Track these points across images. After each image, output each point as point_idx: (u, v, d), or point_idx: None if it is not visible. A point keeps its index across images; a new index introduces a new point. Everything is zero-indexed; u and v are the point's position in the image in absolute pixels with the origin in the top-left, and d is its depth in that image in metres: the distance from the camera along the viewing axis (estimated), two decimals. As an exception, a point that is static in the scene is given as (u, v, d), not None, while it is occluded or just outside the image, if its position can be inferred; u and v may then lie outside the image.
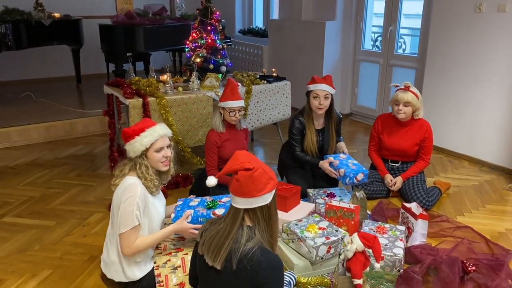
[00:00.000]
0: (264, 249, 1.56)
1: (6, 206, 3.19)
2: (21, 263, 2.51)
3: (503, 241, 2.76)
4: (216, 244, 1.57)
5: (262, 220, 1.58)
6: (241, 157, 1.56)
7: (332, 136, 3.26)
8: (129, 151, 2.10)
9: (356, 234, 2.03)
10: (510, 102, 3.75)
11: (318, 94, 3.09)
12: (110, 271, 2.17)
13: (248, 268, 1.52)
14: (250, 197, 1.54)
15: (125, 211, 2.00)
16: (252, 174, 1.52)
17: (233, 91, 3.02)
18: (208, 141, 3.06)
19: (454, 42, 4.09)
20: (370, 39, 5.62)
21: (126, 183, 2.06)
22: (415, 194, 3.12)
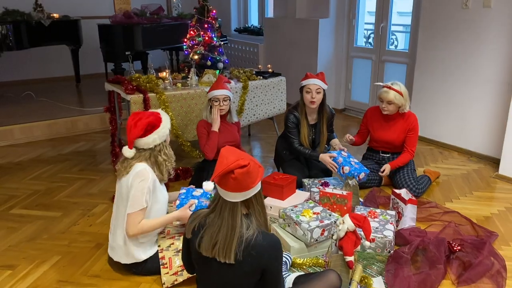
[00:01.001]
0: (264, 233, 1.66)
1: (13, 199, 3.32)
2: (31, 250, 2.64)
3: (488, 224, 2.91)
4: (225, 241, 1.60)
5: (256, 206, 1.67)
6: (231, 156, 1.59)
7: (324, 132, 3.40)
8: (154, 140, 2.22)
9: (347, 215, 2.18)
10: (496, 95, 3.90)
11: (310, 89, 3.23)
12: (117, 254, 2.31)
13: (254, 254, 1.60)
14: (247, 190, 1.60)
15: (137, 193, 2.15)
16: (248, 169, 1.57)
17: (218, 82, 3.22)
18: (198, 129, 3.26)
19: (443, 37, 4.24)
20: (363, 36, 5.77)
21: (136, 169, 2.20)
22: (405, 182, 3.26)
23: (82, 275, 2.40)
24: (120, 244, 2.29)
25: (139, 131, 2.18)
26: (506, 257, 2.49)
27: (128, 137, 2.20)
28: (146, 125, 2.20)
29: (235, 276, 1.65)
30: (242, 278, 1.66)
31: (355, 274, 2.21)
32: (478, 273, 2.30)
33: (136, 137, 2.19)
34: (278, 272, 1.70)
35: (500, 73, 3.84)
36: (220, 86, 3.18)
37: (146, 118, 2.21)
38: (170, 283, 2.26)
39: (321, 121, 3.39)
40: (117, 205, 2.32)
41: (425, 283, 2.26)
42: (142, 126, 2.19)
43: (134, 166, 2.23)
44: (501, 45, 3.80)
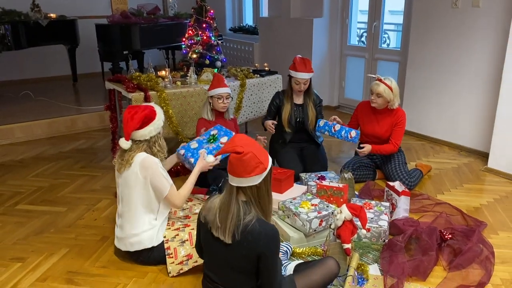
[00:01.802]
0: (261, 220, 1.75)
1: (18, 195, 3.40)
2: (39, 243, 2.73)
3: (478, 214, 3.05)
4: (221, 220, 1.75)
5: (252, 198, 1.75)
6: (236, 141, 1.72)
7: (311, 110, 3.60)
8: (150, 132, 2.36)
9: (344, 205, 2.30)
10: (485, 92, 4.05)
11: (299, 82, 3.48)
12: (126, 244, 2.41)
13: (249, 238, 1.70)
14: (240, 177, 1.71)
15: (156, 180, 2.32)
16: (242, 157, 1.68)
17: (219, 80, 3.33)
18: (197, 127, 3.35)
19: (434, 36, 4.38)
20: (356, 35, 5.90)
21: (139, 159, 2.33)
22: (398, 175, 3.39)
23: (90, 266, 2.50)
24: (132, 233, 2.39)
25: (136, 123, 2.29)
26: (495, 245, 2.62)
27: (125, 129, 2.30)
28: (143, 117, 2.31)
29: (234, 257, 1.76)
30: (240, 260, 1.76)
31: (352, 261, 2.33)
32: (467, 259, 2.43)
33: (133, 130, 2.30)
34: (273, 261, 1.76)
35: (488, 70, 3.99)
36: (223, 84, 3.30)
37: (142, 111, 2.33)
38: (175, 272, 2.36)
39: (308, 102, 3.61)
40: (123, 197, 2.42)
41: (418, 269, 2.39)
42: (139, 119, 2.30)
43: (136, 157, 2.34)
44: (489, 43, 3.94)
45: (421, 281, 2.34)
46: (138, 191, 2.34)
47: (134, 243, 2.39)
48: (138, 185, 2.33)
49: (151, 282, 2.35)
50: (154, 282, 2.35)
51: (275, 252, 1.79)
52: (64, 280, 2.37)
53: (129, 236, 2.39)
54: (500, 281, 2.35)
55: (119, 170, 2.40)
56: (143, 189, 2.34)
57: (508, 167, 3.66)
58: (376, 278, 2.36)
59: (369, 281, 2.34)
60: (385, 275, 2.32)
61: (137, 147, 2.37)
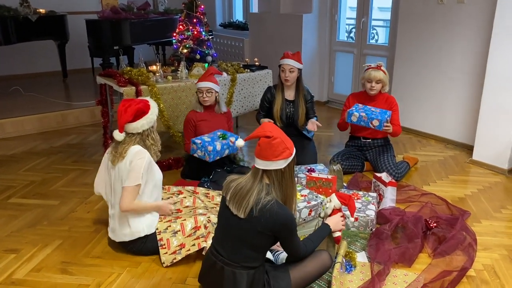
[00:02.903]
0: (280, 203, 1.89)
1: (10, 189, 3.42)
2: (33, 235, 2.76)
3: (462, 204, 3.15)
4: (240, 196, 1.89)
5: (276, 181, 1.90)
6: (266, 127, 1.90)
7: (301, 106, 3.66)
8: (143, 125, 2.41)
9: (334, 194, 2.36)
10: (470, 86, 4.15)
11: (284, 68, 3.56)
12: (119, 235, 2.46)
13: (267, 216, 1.84)
14: (267, 160, 1.86)
15: (136, 168, 2.35)
16: (271, 141, 1.85)
17: (205, 73, 3.41)
18: (185, 119, 3.45)
19: (420, 32, 4.47)
20: (345, 31, 5.98)
21: (134, 151, 2.38)
22: (386, 167, 3.48)
23: (84, 257, 2.54)
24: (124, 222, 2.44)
25: (129, 116, 2.35)
26: (478, 233, 2.72)
27: (118, 121, 2.37)
28: (135, 111, 2.38)
29: (248, 233, 1.89)
30: (254, 236, 1.89)
31: (340, 249, 2.41)
32: (451, 246, 2.52)
33: (126, 122, 2.36)
34: (291, 240, 1.94)
35: (473, 65, 4.09)
36: (204, 78, 3.36)
37: (136, 105, 2.40)
38: (169, 262, 2.41)
39: (298, 98, 3.67)
40: (115, 188, 2.46)
41: (404, 256, 2.47)
42: (132, 112, 2.36)
43: (130, 149, 2.40)
44: (474, 39, 4.04)
45: (406, 267, 2.42)
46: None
47: (128, 233, 2.44)
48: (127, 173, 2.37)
49: (144, 272, 2.40)
50: (147, 271, 2.40)
51: (292, 233, 1.93)
52: (59, 270, 2.41)
53: (123, 226, 2.44)
54: (482, 267, 2.44)
55: (113, 162, 2.44)
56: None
57: (491, 159, 3.77)
58: (363, 265, 2.45)
59: (357, 268, 2.42)
60: (372, 262, 2.40)
61: (130, 140, 2.42)
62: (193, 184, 3.23)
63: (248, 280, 1.94)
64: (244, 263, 1.94)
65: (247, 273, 1.94)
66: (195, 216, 2.50)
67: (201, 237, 2.43)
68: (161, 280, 2.33)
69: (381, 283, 2.25)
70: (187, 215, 2.57)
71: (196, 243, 2.42)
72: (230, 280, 1.94)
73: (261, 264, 1.99)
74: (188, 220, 2.49)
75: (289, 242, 1.96)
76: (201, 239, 2.42)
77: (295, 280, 2.06)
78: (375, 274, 2.29)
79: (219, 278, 1.98)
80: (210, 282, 2.06)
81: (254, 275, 1.95)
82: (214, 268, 2.00)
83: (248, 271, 1.94)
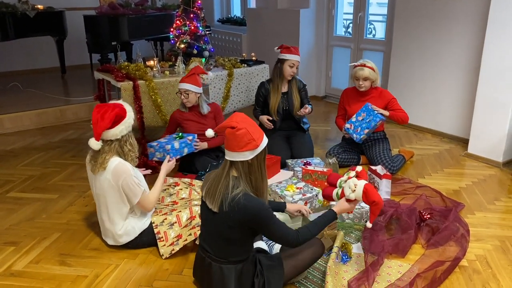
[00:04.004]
0: (248, 194, 1.83)
1: (9, 183, 3.45)
2: (31, 228, 2.80)
3: (457, 196, 3.18)
4: (212, 191, 1.89)
5: (243, 173, 1.86)
6: (233, 117, 1.86)
7: (296, 97, 3.70)
8: (122, 131, 2.30)
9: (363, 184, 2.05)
10: (465, 80, 4.17)
11: (294, 64, 3.62)
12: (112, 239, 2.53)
13: (236, 209, 1.81)
14: (233, 151, 1.84)
15: (129, 188, 2.35)
16: (235, 132, 1.80)
17: (187, 74, 3.40)
18: (171, 115, 3.51)
19: (416, 26, 4.49)
20: (343, 26, 5.98)
21: (112, 166, 2.32)
22: (381, 160, 3.51)
23: (82, 249, 2.57)
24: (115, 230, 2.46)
25: (107, 123, 2.22)
26: (471, 224, 2.76)
27: (95, 129, 2.23)
28: (114, 116, 2.24)
29: (222, 227, 1.88)
30: (228, 230, 1.87)
31: (336, 240, 2.44)
32: (444, 237, 2.55)
33: (104, 129, 2.23)
34: (271, 228, 1.87)
35: (468, 59, 4.11)
36: (183, 79, 3.37)
37: (112, 110, 2.25)
38: (168, 253, 2.45)
39: (293, 89, 3.72)
40: (99, 198, 2.45)
41: (398, 246, 2.51)
42: (111, 118, 2.23)
43: (110, 162, 2.32)
44: (469, 33, 4.06)
45: (400, 258, 2.45)
46: (112, 195, 2.39)
47: (120, 238, 2.48)
48: (111, 190, 2.37)
49: (142, 263, 2.43)
50: (145, 263, 2.44)
51: (267, 221, 1.86)
52: (57, 262, 2.45)
53: (113, 233, 2.48)
54: (475, 257, 2.48)
55: (94, 171, 2.39)
56: (118, 192, 2.37)
57: (486, 152, 3.80)
58: (359, 256, 2.48)
59: (353, 259, 2.45)
60: (366, 253, 2.43)
61: (109, 148, 2.32)
62: (190, 177, 3.25)
63: (236, 274, 1.95)
64: (230, 258, 1.94)
65: (234, 267, 1.95)
66: (190, 207, 2.53)
67: (196, 226, 2.46)
68: (158, 271, 2.36)
69: (375, 273, 2.28)
70: (182, 206, 2.61)
71: (192, 232, 2.46)
72: (218, 275, 1.95)
73: (247, 256, 1.99)
74: (183, 212, 2.52)
75: (269, 231, 1.89)
76: (197, 228, 2.46)
77: (288, 269, 2.09)
78: (369, 264, 2.33)
79: (208, 273, 2.00)
80: (202, 277, 2.09)
81: (242, 268, 1.96)
82: (203, 263, 2.02)
83: (235, 266, 1.95)
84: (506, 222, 2.84)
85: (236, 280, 1.95)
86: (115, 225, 2.46)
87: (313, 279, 2.28)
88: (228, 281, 1.94)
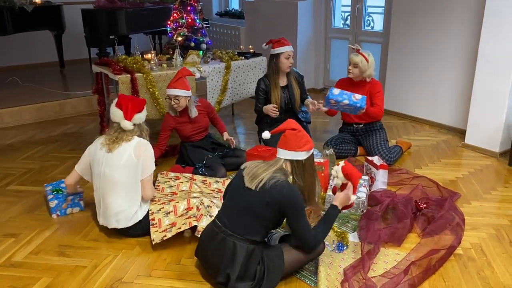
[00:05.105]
0: (290, 183, 2.04)
1: (9, 177, 3.47)
2: (31, 220, 2.82)
3: (453, 186, 3.20)
4: (256, 172, 2.06)
5: (296, 170, 2.09)
6: (291, 123, 2.12)
7: (296, 89, 3.71)
8: (140, 119, 2.56)
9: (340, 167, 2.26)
10: (462, 71, 4.18)
11: (290, 55, 3.60)
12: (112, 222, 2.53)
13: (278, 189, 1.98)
14: (291, 150, 2.05)
15: (148, 159, 2.50)
16: (297, 133, 2.06)
17: (174, 78, 3.26)
18: (163, 122, 3.39)
19: (414, 17, 4.49)
20: (341, 18, 5.98)
21: (133, 142, 2.50)
22: (379, 151, 3.52)
23: (81, 240, 2.60)
24: (119, 210, 2.49)
25: (138, 106, 2.53)
26: (467, 213, 2.78)
27: (129, 112, 2.49)
28: (144, 102, 2.56)
29: (257, 203, 2.01)
30: (262, 206, 2.01)
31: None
32: (440, 226, 2.57)
33: (136, 112, 2.52)
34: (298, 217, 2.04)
35: (465, 50, 4.11)
36: (170, 85, 3.23)
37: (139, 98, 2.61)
38: (159, 239, 2.45)
39: (291, 81, 3.71)
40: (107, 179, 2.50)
41: (394, 235, 2.53)
42: (141, 103, 2.55)
43: (132, 139, 2.51)
44: (466, 25, 4.06)
45: (396, 247, 2.48)
46: (127, 171, 2.46)
47: (121, 219, 2.51)
48: (127, 166, 2.46)
49: (140, 253, 2.46)
50: (143, 253, 2.47)
51: (299, 211, 2.03)
52: (56, 253, 2.48)
53: (116, 213, 2.50)
54: (470, 245, 2.50)
55: (112, 149, 2.49)
56: (134, 169, 2.48)
57: (483, 143, 3.82)
58: (356, 245, 2.50)
59: (349, 248, 2.48)
60: (362, 242, 2.46)
61: (134, 131, 2.55)
62: (188, 171, 3.27)
63: (247, 253, 2.02)
64: (246, 236, 2.03)
65: (247, 247, 2.03)
66: (188, 199, 2.56)
67: (192, 217, 2.48)
68: (156, 261, 2.39)
69: (371, 261, 2.31)
70: (181, 198, 2.63)
71: (188, 222, 2.47)
72: (230, 250, 2.03)
73: (261, 241, 2.09)
74: (181, 203, 2.55)
75: (296, 222, 2.04)
76: (193, 218, 2.48)
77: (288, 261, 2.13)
78: (365, 253, 2.35)
79: (219, 249, 2.06)
80: (210, 254, 2.12)
81: (253, 250, 2.04)
82: (215, 240, 2.08)
83: (248, 245, 2.03)
84: (501, 211, 2.87)
85: (245, 259, 2.03)
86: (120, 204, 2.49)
87: (309, 267, 2.31)
88: (238, 258, 2.02)
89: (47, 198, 2.90)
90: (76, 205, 2.93)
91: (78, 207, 2.93)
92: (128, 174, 2.48)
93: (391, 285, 2.13)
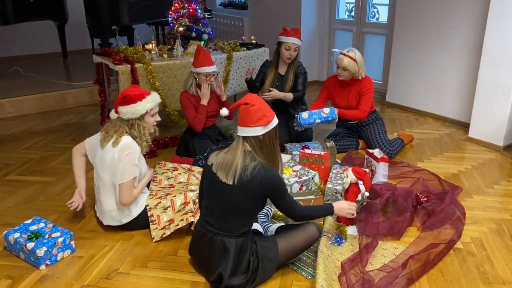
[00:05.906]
0: (265, 167, 1.95)
1: (8, 167, 3.47)
2: (29, 210, 2.82)
3: (455, 180, 3.16)
4: (227, 164, 1.97)
5: (256, 147, 1.97)
6: (247, 96, 1.99)
7: (290, 80, 3.62)
8: (127, 113, 2.40)
9: (350, 169, 2.41)
10: (467, 64, 4.11)
11: (290, 47, 3.51)
12: (107, 218, 2.52)
13: (256, 178, 1.91)
14: (245, 126, 1.94)
15: (127, 164, 2.36)
16: (249, 108, 1.93)
17: (206, 56, 3.29)
18: (182, 101, 3.36)
19: (418, 9, 4.42)
20: (346, 9, 5.91)
21: (121, 142, 2.39)
22: (379, 144, 3.48)
23: (79, 230, 2.60)
24: (110, 208, 2.48)
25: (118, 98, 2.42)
26: (468, 207, 2.75)
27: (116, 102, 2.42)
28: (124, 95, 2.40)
29: (238, 196, 1.95)
30: (243, 200, 1.96)
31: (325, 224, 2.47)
32: (440, 220, 2.54)
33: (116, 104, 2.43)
34: (284, 198, 2.02)
35: (470, 43, 4.04)
36: (210, 62, 3.28)
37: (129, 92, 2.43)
38: (159, 236, 2.46)
39: (289, 72, 3.64)
40: (98, 174, 2.49)
41: (393, 229, 2.50)
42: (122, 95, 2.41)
43: (122, 139, 2.40)
44: (471, 17, 3.99)
45: (395, 241, 2.45)
46: (111, 172, 2.42)
47: (115, 217, 2.50)
48: (111, 167, 2.40)
49: (137, 244, 2.45)
50: (140, 244, 2.46)
51: (282, 192, 2.02)
52: (54, 242, 2.47)
53: (110, 211, 2.49)
54: (470, 239, 2.47)
55: (102, 142, 2.47)
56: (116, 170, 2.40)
57: (487, 136, 3.76)
58: (354, 238, 2.47)
59: (348, 241, 2.45)
60: (361, 235, 2.43)
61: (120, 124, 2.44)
62: (188, 162, 3.25)
63: (236, 247, 2.00)
64: (233, 231, 2.00)
65: (236, 241, 2.00)
66: (185, 192, 2.54)
67: (189, 212, 2.47)
68: (153, 252, 2.38)
69: (369, 255, 2.28)
70: (178, 191, 2.61)
71: (185, 218, 2.47)
72: (219, 248, 2.00)
73: (248, 230, 2.05)
74: (178, 197, 2.52)
75: (281, 201, 2.03)
76: (189, 214, 2.47)
77: (282, 251, 2.11)
78: (363, 246, 2.33)
79: (209, 248, 2.03)
80: (200, 254, 2.12)
81: (242, 243, 2.01)
82: (204, 239, 2.05)
83: (237, 239, 2.00)
84: (503, 205, 2.83)
85: (236, 253, 2.00)
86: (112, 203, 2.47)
87: (307, 260, 2.29)
88: (228, 254, 1.99)
89: (25, 248, 2.28)
90: (67, 247, 2.37)
91: (69, 249, 2.38)
92: (114, 175, 2.42)
93: (388, 279, 2.10)
